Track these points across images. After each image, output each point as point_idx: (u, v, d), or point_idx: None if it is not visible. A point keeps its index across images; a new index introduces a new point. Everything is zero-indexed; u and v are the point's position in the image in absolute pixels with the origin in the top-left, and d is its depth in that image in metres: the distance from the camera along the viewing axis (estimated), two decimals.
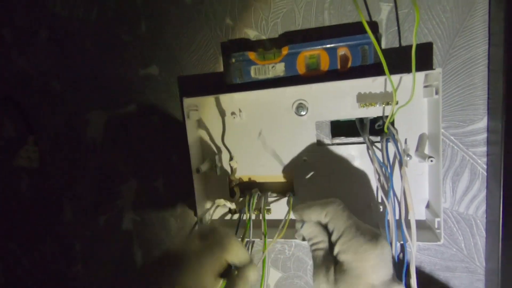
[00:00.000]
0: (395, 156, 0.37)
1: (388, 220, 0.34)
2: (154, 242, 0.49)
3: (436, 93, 0.33)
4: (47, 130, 0.51)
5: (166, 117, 0.46)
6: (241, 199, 0.42)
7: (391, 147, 0.37)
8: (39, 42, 0.49)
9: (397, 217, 0.35)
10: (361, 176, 0.39)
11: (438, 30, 0.35)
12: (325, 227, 0.32)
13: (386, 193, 0.35)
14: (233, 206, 0.38)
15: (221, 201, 0.36)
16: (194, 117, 0.42)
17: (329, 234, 0.31)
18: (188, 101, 0.40)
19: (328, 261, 0.30)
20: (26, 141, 0.52)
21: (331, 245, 0.31)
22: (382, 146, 0.37)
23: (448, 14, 0.35)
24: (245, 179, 0.43)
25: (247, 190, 0.43)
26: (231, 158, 0.42)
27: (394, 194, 0.35)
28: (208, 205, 0.44)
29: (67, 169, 0.51)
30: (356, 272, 0.27)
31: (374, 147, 0.37)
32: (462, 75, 0.36)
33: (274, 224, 0.42)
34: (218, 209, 0.43)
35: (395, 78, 0.35)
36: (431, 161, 0.33)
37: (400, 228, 0.34)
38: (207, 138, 0.43)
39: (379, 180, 0.36)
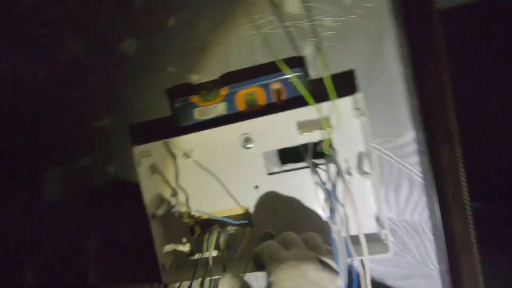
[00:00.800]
0: (339, 176, 0.39)
1: (335, 239, 0.35)
2: None
3: (363, 115, 0.36)
4: (1, 193, 0.50)
5: (121, 167, 0.47)
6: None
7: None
8: None
9: (346, 234, 0.37)
10: (312, 198, 0.41)
11: (358, 58, 0.39)
12: None
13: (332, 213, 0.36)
14: (186, 248, 0.38)
15: (171, 246, 0.37)
16: (147, 163, 0.43)
17: None
18: (138, 149, 0.41)
19: None
20: None
21: None
22: (326, 167, 0.40)
23: (363, 44, 0.39)
24: (205, 216, 0.44)
25: (208, 227, 0.43)
26: (187, 199, 0.43)
27: (335, 212, 0.37)
28: (170, 248, 0.44)
29: (25, 231, 0.50)
30: None
31: (319, 169, 0.40)
32: (386, 95, 0.39)
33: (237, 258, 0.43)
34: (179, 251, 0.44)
35: (326, 105, 0.38)
36: (368, 176, 0.35)
37: (351, 244, 0.35)
38: (162, 182, 0.44)
39: (326, 200, 0.38)
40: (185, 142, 0.43)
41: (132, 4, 0.44)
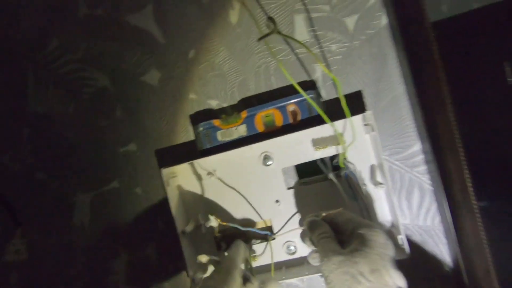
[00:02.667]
0: (355, 186, 0.42)
1: None
2: None
3: (373, 130, 0.39)
4: (34, 221, 0.53)
5: (148, 188, 0.50)
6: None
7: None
8: (21, 139, 0.53)
9: None
10: (329, 209, 0.44)
11: (364, 79, 0.43)
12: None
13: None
14: (217, 258, 0.41)
15: (203, 257, 0.39)
16: (174, 183, 0.46)
17: (336, 230, 0.35)
18: (166, 171, 0.44)
19: (336, 243, 0.34)
20: (13, 234, 0.53)
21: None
22: (343, 179, 0.43)
23: (368, 65, 0.43)
24: (229, 231, 0.46)
25: (232, 241, 0.46)
26: (212, 215, 0.46)
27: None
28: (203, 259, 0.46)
29: (57, 255, 0.52)
30: (370, 244, 0.31)
31: (337, 182, 0.43)
32: (392, 111, 0.43)
33: (262, 269, 0.45)
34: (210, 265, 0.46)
35: (340, 122, 0.42)
36: (381, 186, 0.38)
37: None
38: (188, 200, 0.47)
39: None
40: (208, 163, 0.46)
41: (155, 40, 0.49)
